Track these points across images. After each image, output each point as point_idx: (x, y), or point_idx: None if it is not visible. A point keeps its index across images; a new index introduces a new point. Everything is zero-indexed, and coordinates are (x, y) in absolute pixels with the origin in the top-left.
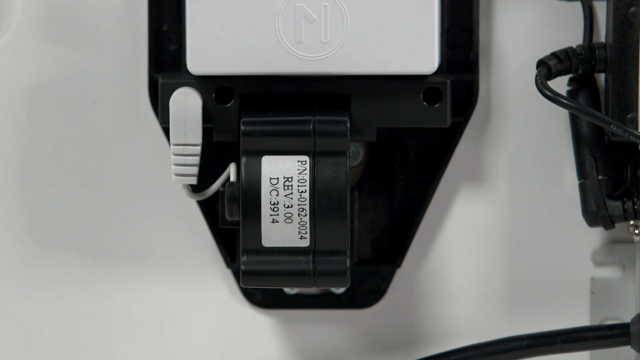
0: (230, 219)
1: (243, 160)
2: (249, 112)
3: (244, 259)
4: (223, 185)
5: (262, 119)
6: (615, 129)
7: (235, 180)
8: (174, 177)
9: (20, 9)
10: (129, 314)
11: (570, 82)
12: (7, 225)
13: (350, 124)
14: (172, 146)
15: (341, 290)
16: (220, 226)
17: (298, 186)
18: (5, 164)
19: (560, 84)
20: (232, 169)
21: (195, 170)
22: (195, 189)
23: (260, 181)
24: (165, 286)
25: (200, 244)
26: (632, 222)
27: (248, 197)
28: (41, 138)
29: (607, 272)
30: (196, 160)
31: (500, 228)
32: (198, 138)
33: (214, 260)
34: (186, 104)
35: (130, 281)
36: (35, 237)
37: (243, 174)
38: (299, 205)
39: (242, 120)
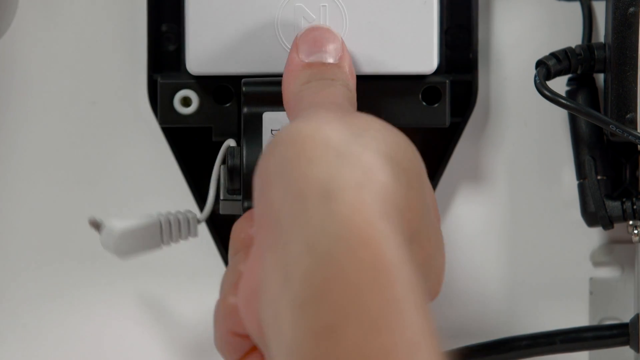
0: (232, 188)
1: (244, 111)
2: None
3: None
4: (224, 162)
5: (262, 79)
6: (614, 129)
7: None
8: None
9: (19, 9)
10: (128, 314)
11: (569, 82)
12: (6, 224)
13: None
14: None
15: None
16: (221, 199)
17: None
18: (3, 163)
19: (559, 84)
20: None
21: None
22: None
23: (261, 136)
24: (165, 286)
25: (199, 244)
26: (631, 222)
27: (250, 153)
28: (40, 138)
29: (606, 272)
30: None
31: (499, 228)
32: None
33: (213, 260)
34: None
35: (129, 281)
36: (33, 237)
37: (243, 125)
38: None
39: (243, 81)
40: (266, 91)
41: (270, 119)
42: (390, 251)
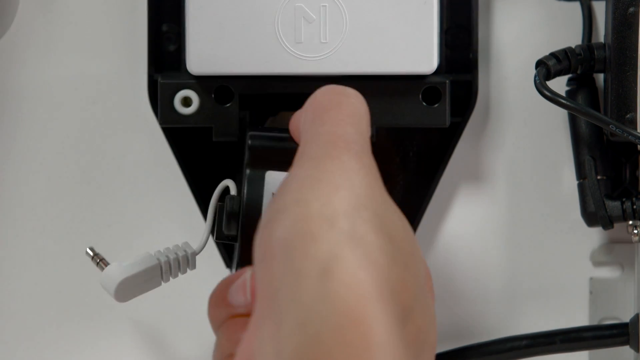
0: (227, 233)
1: (247, 172)
2: (255, 128)
3: None
4: (222, 199)
5: (269, 134)
6: (614, 129)
7: (235, 194)
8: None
9: (20, 9)
10: (128, 314)
11: (569, 82)
12: (5, 224)
13: None
14: None
15: None
16: (215, 240)
17: None
18: (2, 164)
19: (559, 84)
20: (220, 188)
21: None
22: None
23: (262, 197)
24: (164, 286)
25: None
26: (630, 222)
27: (249, 212)
28: (40, 138)
29: (605, 272)
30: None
31: (499, 228)
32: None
33: (213, 260)
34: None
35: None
36: (33, 236)
37: (245, 189)
38: None
39: (250, 134)
40: (272, 146)
41: (273, 180)
42: (379, 334)
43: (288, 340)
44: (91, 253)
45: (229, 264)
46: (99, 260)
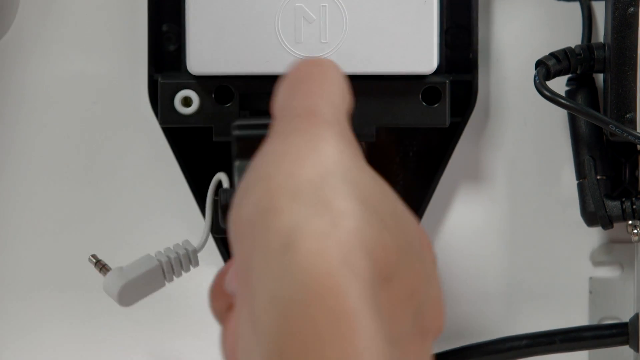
0: (224, 227)
1: (236, 164)
2: (242, 118)
3: None
4: (217, 193)
5: (255, 122)
6: (613, 129)
7: (228, 187)
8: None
9: (20, 9)
10: (128, 314)
11: (569, 82)
12: (5, 224)
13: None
14: None
15: None
16: (214, 235)
17: None
18: (2, 163)
19: (559, 84)
20: (215, 181)
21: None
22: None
23: None
24: (169, 285)
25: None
26: (630, 222)
27: None
28: (40, 138)
29: (605, 272)
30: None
31: (499, 228)
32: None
33: (213, 259)
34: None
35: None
36: (33, 236)
37: (236, 180)
38: None
39: (236, 124)
40: (258, 135)
41: None
42: (352, 300)
43: (262, 318)
44: (94, 260)
45: (227, 260)
46: (102, 267)
